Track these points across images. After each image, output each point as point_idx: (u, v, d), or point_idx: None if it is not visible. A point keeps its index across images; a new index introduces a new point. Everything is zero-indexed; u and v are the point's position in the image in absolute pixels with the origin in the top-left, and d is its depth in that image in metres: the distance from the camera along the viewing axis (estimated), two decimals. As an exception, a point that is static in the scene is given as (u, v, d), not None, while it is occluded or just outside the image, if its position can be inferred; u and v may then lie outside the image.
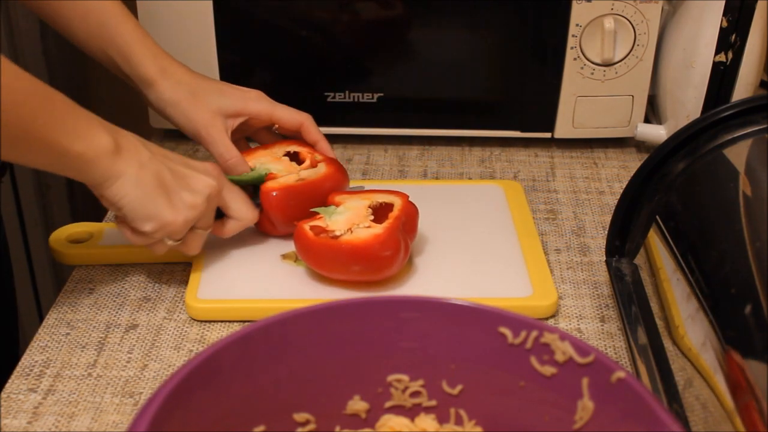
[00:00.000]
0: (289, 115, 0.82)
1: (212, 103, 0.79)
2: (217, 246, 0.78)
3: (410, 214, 0.74)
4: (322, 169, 0.80)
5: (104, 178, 0.64)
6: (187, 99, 0.78)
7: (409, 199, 0.75)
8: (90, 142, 0.62)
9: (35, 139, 0.60)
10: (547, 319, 0.72)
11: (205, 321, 0.72)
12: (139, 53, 0.77)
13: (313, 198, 0.77)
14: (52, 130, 0.60)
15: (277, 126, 0.84)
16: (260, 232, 0.79)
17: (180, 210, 0.67)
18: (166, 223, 0.67)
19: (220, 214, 0.74)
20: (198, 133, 0.79)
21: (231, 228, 0.75)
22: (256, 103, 0.81)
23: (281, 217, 0.77)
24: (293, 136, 0.85)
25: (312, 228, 0.72)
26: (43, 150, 0.61)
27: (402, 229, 0.72)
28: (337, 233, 0.71)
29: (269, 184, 0.77)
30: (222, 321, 0.72)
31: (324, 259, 0.72)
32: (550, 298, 0.72)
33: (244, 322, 0.71)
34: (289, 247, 0.77)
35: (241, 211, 0.74)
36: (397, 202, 0.75)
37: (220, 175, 0.72)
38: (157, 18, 0.93)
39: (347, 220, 0.73)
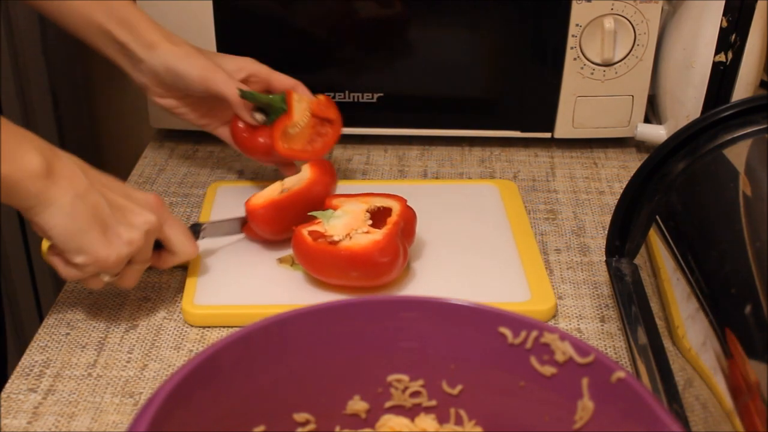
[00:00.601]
0: (284, 77, 0.85)
1: (215, 60, 0.82)
2: (212, 251, 0.78)
3: (408, 218, 0.74)
4: (306, 174, 0.78)
5: (33, 203, 0.60)
6: (193, 49, 0.81)
7: (407, 203, 0.75)
8: (17, 164, 0.58)
9: None
10: (546, 321, 0.72)
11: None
12: (143, 21, 0.80)
13: (302, 206, 0.76)
14: None
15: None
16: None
17: (115, 245, 0.64)
18: (98, 258, 0.63)
19: (159, 245, 0.70)
20: (204, 77, 0.80)
21: (170, 262, 0.71)
22: (254, 63, 0.85)
23: (270, 231, 0.76)
24: None
25: (310, 233, 0.71)
26: None
27: (400, 235, 0.72)
28: (336, 238, 0.70)
29: (253, 201, 0.75)
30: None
31: (322, 264, 0.71)
32: (548, 302, 0.72)
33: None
34: (285, 251, 0.77)
35: (182, 245, 0.71)
36: (395, 206, 0.74)
37: (161, 208, 0.68)
38: (157, 18, 0.92)
39: (346, 224, 0.72)
